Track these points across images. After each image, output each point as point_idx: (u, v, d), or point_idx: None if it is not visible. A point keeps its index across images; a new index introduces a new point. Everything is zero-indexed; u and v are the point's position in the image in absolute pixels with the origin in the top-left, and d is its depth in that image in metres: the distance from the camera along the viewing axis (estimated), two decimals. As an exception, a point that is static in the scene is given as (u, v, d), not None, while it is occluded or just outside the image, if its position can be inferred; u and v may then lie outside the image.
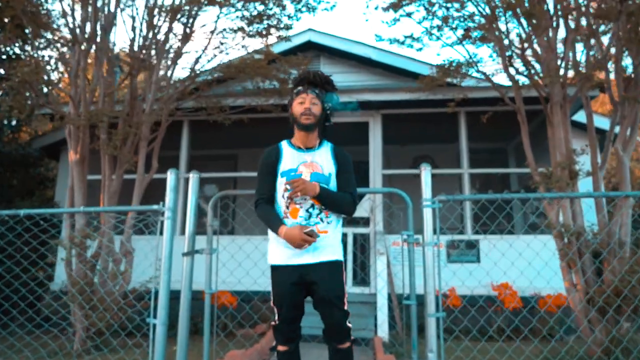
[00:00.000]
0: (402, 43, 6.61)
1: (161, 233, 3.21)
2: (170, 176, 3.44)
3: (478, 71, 5.53)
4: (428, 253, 3.18)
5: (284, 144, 2.52)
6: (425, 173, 3.33)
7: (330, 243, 2.37)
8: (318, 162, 2.44)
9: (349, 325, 2.35)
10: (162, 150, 6.08)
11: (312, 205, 2.37)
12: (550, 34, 4.95)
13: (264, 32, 6.10)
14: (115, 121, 5.34)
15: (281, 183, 2.41)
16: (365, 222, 7.02)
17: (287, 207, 2.39)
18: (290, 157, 2.45)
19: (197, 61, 5.95)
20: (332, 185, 2.43)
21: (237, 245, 4.25)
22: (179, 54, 5.63)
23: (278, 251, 2.39)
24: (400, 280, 6.23)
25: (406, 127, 7.74)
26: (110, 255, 5.02)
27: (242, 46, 6.40)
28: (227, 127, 7.09)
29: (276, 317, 2.40)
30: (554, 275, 4.54)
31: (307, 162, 2.43)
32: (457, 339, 4.59)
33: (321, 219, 2.37)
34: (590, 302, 4.40)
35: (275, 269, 2.40)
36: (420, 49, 6.61)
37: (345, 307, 2.33)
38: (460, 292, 5.98)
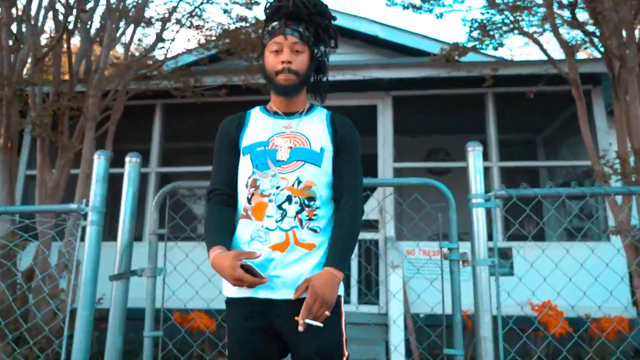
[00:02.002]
0: (419, 9, 5.47)
1: (82, 239, 2.16)
2: (97, 161, 2.43)
3: (521, 33, 4.35)
4: (481, 275, 2.10)
5: (255, 110, 1.71)
6: (475, 155, 2.24)
7: (319, 265, 1.47)
8: (303, 134, 1.58)
9: None
10: (130, 141, 5.02)
11: (289, 198, 1.48)
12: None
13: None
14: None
15: (244, 162, 1.58)
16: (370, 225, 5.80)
17: (250, 202, 1.53)
18: (260, 126, 1.63)
19: (164, 25, 4.77)
20: (326, 167, 1.55)
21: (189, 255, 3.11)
22: (140, 11, 4.44)
23: None
24: (415, 296, 5.14)
25: (421, 111, 6.60)
26: (46, 269, 3.86)
27: (224, 11, 5.25)
28: (211, 115, 5.97)
29: None
30: (609, 293, 3.50)
31: (286, 132, 1.59)
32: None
33: (301, 222, 1.48)
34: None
35: (228, 303, 1.54)
36: (440, 16, 5.46)
37: None
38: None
